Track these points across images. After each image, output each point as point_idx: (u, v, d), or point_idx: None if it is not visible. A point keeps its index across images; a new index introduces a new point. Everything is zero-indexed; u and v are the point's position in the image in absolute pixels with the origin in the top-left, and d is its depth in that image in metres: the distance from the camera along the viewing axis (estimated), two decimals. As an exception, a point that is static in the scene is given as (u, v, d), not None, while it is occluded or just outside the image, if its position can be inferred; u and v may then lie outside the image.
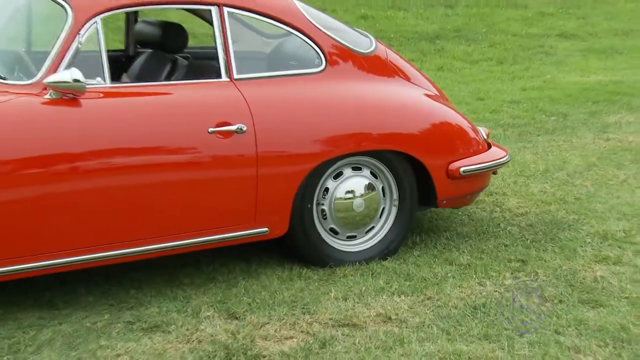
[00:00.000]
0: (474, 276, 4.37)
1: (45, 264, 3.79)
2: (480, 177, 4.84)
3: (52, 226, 3.76)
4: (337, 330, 3.77)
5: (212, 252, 4.47)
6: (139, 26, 5.05)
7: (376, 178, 4.58)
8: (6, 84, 3.84)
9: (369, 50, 4.73)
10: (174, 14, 5.24)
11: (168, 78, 4.78)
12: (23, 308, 3.91)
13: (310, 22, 4.53)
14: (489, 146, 4.95)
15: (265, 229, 4.28)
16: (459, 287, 4.24)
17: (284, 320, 3.86)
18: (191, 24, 5.57)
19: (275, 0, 4.55)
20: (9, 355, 3.48)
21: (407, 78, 4.88)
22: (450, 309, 3.98)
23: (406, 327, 3.80)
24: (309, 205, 4.41)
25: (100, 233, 3.90)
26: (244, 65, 4.33)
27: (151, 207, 4.00)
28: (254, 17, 4.45)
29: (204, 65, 4.68)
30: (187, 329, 3.76)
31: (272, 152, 4.22)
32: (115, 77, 4.47)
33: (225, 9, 4.26)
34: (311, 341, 3.66)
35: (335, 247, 4.54)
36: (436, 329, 3.78)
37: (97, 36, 3.92)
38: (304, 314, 3.94)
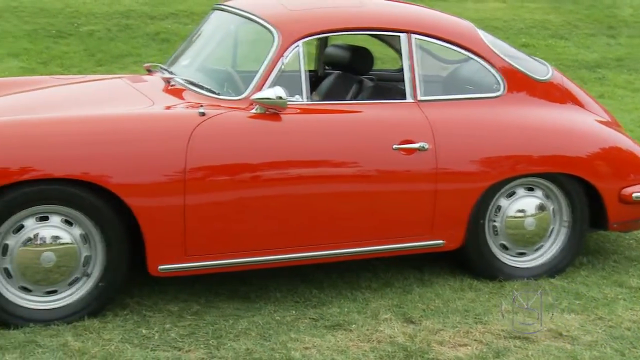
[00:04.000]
0: (646, 300, 4.21)
1: (243, 260, 3.98)
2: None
3: (252, 227, 3.94)
4: (510, 342, 3.73)
5: (387, 259, 4.53)
6: (330, 50, 5.21)
7: (548, 199, 4.51)
8: (219, 98, 4.07)
9: (545, 77, 4.69)
10: (359, 39, 5.37)
11: (354, 97, 4.89)
12: (222, 299, 4.10)
13: (492, 49, 4.54)
14: None
15: (441, 241, 4.31)
16: (631, 309, 4.09)
17: (458, 328, 3.86)
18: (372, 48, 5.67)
19: (459, 28, 4.61)
20: (212, 339, 3.67)
21: (581, 105, 4.79)
22: (623, 330, 3.85)
23: (578, 345, 3.71)
24: (482, 221, 4.40)
25: (291, 235, 4.04)
26: (427, 88, 4.39)
27: (337, 215, 4.11)
28: (437, 43, 4.50)
29: (389, 87, 4.78)
30: (367, 329, 3.83)
31: (451, 170, 4.25)
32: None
33: (414, 36, 4.34)
34: (485, 350, 3.65)
35: (505, 262, 4.50)
36: (609, 349, 3.67)
37: (299, 58, 4.09)
38: (477, 323, 3.92)
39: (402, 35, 4.35)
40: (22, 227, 3.63)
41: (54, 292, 3.73)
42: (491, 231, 4.45)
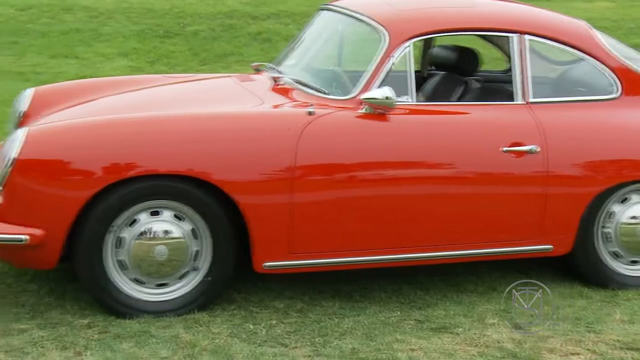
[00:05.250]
0: None
1: (347, 260, 3.95)
2: None
3: (357, 227, 3.89)
4: (626, 353, 3.56)
5: (491, 263, 4.41)
6: (436, 50, 5.11)
7: (665, 206, 4.29)
8: (327, 98, 4.04)
9: (665, 80, 4.44)
10: (461, 39, 5.25)
11: (460, 99, 4.78)
12: (326, 297, 4.07)
13: (607, 50, 4.35)
14: None
15: (550, 246, 4.16)
16: None
17: (569, 336, 3.71)
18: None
19: (572, 28, 4.44)
20: (318, 337, 3.64)
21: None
22: None
23: (699, 359, 3.51)
24: (593, 227, 4.22)
25: (396, 236, 3.98)
26: (537, 89, 4.24)
27: (444, 217, 4.01)
28: (549, 44, 4.34)
29: (496, 88, 4.65)
30: (474, 333, 3.73)
31: (562, 174, 4.10)
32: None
33: (526, 37, 4.20)
34: (598, 360, 3.50)
35: (618, 270, 4.31)
36: None
37: (407, 58, 4.02)
38: (589, 332, 3.76)
39: (514, 36, 4.21)
40: (136, 220, 3.68)
41: (165, 284, 3.77)
42: (603, 237, 4.27)
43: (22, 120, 4.34)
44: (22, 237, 3.51)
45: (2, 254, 3.70)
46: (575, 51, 4.35)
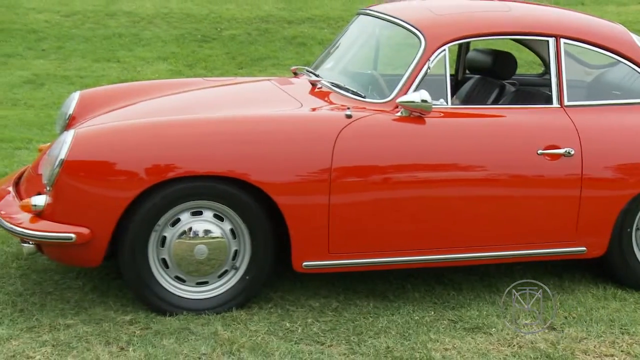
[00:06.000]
0: None
1: (383, 260, 3.97)
2: None
3: (393, 228, 3.91)
4: (660, 355, 3.55)
5: (525, 263, 4.41)
6: (472, 54, 5.11)
7: (700, 209, 4.25)
8: (365, 101, 4.07)
9: (702, 83, 4.40)
10: (498, 43, 5.25)
11: (495, 102, 4.79)
12: (361, 297, 4.10)
13: (645, 53, 4.32)
14: None
15: (584, 248, 4.15)
16: None
17: (602, 338, 3.70)
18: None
19: (610, 32, 4.41)
20: (353, 335, 3.68)
21: None
22: None
23: None
24: (629, 230, 4.20)
25: (431, 237, 3.99)
26: (573, 93, 4.23)
27: (478, 219, 4.01)
28: (586, 47, 4.33)
29: (532, 92, 4.64)
30: (508, 334, 3.73)
31: (597, 177, 4.08)
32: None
33: (563, 40, 4.20)
34: (633, 362, 3.49)
35: (652, 272, 4.28)
36: None
37: (444, 62, 4.03)
38: (623, 334, 3.75)
39: (551, 40, 4.20)
40: (178, 220, 3.74)
41: (205, 283, 3.83)
42: (638, 240, 4.24)
43: (69, 122, 4.44)
44: (70, 235, 3.59)
45: (49, 252, 3.78)
46: (614, 55, 4.33)
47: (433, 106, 3.90)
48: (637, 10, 12.02)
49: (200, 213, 3.77)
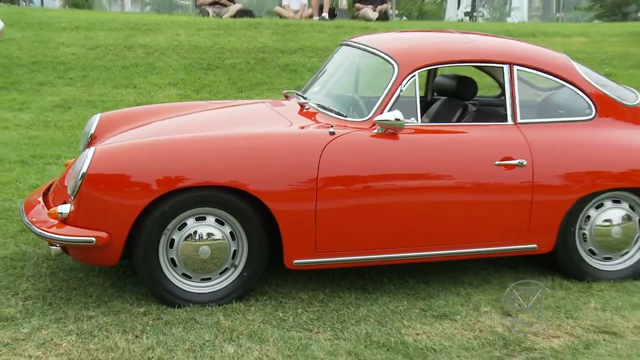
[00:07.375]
0: None
1: (364, 257, 3.96)
2: None
3: (371, 229, 3.91)
4: (599, 336, 3.55)
5: (486, 260, 4.41)
6: (439, 79, 5.13)
7: (634, 210, 4.28)
8: (346, 120, 4.08)
9: (634, 103, 4.46)
10: (462, 69, 5.27)
11: (459, 120, 4.80)
12: (343, 290, 4.09)
13: (585, 78, 4.36)
14: None
15: (535, 245, 4.16)
16: None
17: (550, 322, 3.71)
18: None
19: (555, 60, 4.44)
20: (337, 323, 3.67)
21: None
22: None
23: (663, 341, 3.49)
24: (572, 229, 4.22)
25: (405, 237, 3.98)
26: (524, 112, 4.25)
27: (444, 221, 4.02)
28: (535, 73, 4.35)
29: (490, 111, 4.66)
30: (470, 320, 3.74)
31: (546, 183, 4.09)
32: (417, 117, 4.58)
33: (516, 67, 4.22)
34: (576, 342, 3.49)
35: (593, 265, 4.30)
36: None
37: (415, 86, 4.05)
38: (568, 318, 3.76)
39: (506, 67, 4.23)
40: (184, 224, 3.73)
41: (209, 279, 3.82)
42: (580, 238, 4.26)
43: (91, 140, 4.43)
44: (91, 239, 3.58)
45: (74, 253, 3.77)
46: (558, 79, 4.36)
47: (405, 124, 3.91)
48: (579, 41, 12.09)
49: (204, 218, 3.76)
